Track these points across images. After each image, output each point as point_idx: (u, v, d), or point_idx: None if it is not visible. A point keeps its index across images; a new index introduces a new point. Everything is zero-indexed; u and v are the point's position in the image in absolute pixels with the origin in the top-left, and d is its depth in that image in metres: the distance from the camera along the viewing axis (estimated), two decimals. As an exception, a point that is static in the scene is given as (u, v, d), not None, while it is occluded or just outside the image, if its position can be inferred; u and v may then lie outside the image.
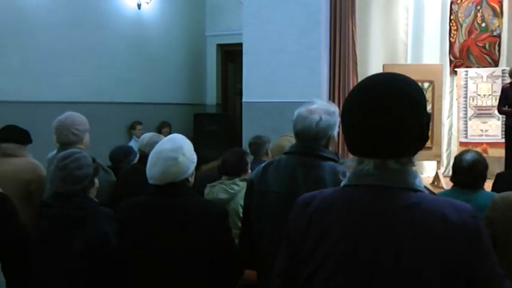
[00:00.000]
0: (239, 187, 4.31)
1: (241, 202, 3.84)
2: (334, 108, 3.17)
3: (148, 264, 3.02)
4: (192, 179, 3.17)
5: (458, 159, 4.42)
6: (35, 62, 8.16)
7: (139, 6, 10.12)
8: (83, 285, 3.10)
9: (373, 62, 9.32)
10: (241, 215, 3.91)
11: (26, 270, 3.19)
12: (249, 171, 4.48)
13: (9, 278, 2.66)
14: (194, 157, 3.15)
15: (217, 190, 4.37)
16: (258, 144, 5.76)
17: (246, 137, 7.71)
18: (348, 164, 1.77)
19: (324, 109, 3.10)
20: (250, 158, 4.79)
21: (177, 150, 3.00)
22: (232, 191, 4.33)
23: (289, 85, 8.24)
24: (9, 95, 7.71)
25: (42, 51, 8.26)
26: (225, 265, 3.09)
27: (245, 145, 7.10)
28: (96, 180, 3.40)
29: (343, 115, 1.71)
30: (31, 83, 8.08)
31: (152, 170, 2.99)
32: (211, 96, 12.35)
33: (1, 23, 7.62)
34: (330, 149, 3.17)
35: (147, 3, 10.29)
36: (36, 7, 8.15)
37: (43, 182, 4.46)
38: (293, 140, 3.27)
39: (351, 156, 1.76)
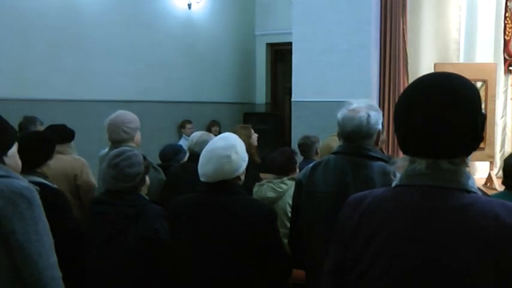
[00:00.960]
0: (287, 186, 4.31)
1: (290, 201, 3.83)
2: (374, 103, 3.16)
3: (196, 261, 3.04)
4: (243, 178, 3.18)
5: (507, 161, 4.27)
6: (88, 61, 8.31)
7: (189, 6, 10.19)
8: (134, 280, 3.15)
9: (424, 60, 9.15)
10: (289, 214, 3.90)
11: (80, 265, 3.26)
12: (298, 170, 4.48)
13: (65, 272, 2.71)
14: (246, 156, 3.17)
15: (265, 189, 4.38)
16: (307, 145, 5.76)
17: (295, 136, 7.69)
18: (398, 164, 1.74)
19: (366, 106, 3.09)
20: (299, 158, 4.78)
21: (230, 148, 3.03)
22: (280, 189, 4.33)
23: (339, 84, 8.18)
24: (63, 93, 7.87)
25: (94, 51, 8.41)
26: (273, 266, 3.08)
27: (294, 144, 7.09)
28: (147, 178, 3.43)
29: (396, 115, 1.69)
30: (84, 82, 8.23)
31: (205, 167, 3.01)
32: (260, 95, 12.36)
33: (56, 24, 7.79)
34: (379, 143, 3.15)
35: (197, 2, 10.35)
36: (89, 8, 8.30)
37: (88, 178, 4.55)
38: (341, 141, 3.24)
39: (401, 155, 1.74)
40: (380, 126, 3.11)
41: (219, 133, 8.83)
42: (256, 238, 2.95)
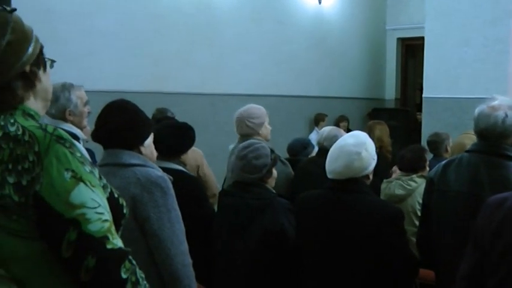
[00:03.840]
0: (417, 184, 4.23)
1: (419, 199, 3.75)
2: None
3: (317, 257, 3.04)
4: (371, 177, 3.12)
5: None
6: (220, 56, 8.52)
7: (319, 1, 10.18)
8: (259, 272, 3.20)
9: None
10: (418, 212, 3.82)
11: (209, 253, 3.35)
12: (427, 168, 4.38)
13: (195, 259, 2.80)
14: (375, 155, 3.10)
15: (394, 186, 4.32)
16: (436, 142, 5.60)
17: (426, 132, 7.52)
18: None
19: (508, 105, 2.95)
20: (429, 155, 4.68)
21: (360, 145, 2.98)
22: (409, 187, 4.25)
23: (473, 80, 7.90)
24: (195, 87, 8.11)
25: (226, 46, 8.61)
26: (399, 266, 3.00)
27: (424, 141, 6.93)
28: (275, 171, 3.46)
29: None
30: (215, 76, 8.45)
31: (334, 164, 2.98)
32: (390, 90, 12.15)
33: (191, 21, 8.04)
34: None
35: (328, -3, 10.34)
36: (221, 5, 8.50)
37: (207, 169, 4.59)
38: (475, 138, 3.13)
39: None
40: None
41: (348, 129, 8.78)
42: (382, 239, 2.88)
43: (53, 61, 1.83)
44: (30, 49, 1.67)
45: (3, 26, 1.64)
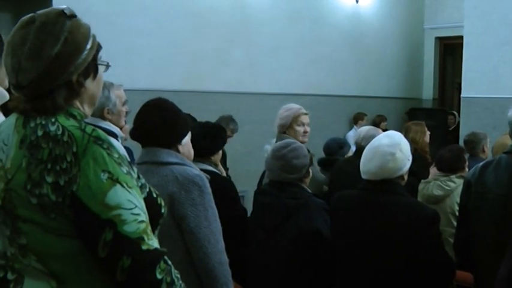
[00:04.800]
0: (455, 184, 4.19)
1: (458, 200, 3.71)
2: None
3: (351, 257, 3.03)
4: (406, 177, 3.09)
5: None
6: (256, 55, 8.53)
7: (357, 0, 10.13)
8: (294, 272, 3.20)
9: None
10: (457, 213, 3.78)
11: (244, 252, 3.36)
12: (466, 169, 4.33)
13: (230, 258, 2.81)
14: (410, 155, 3.06)
15: (432, 186, 4.28)
16: (473, 142, 5.53)
17: (464, 132, 7.42)
18: None
19: None
20: (466, 155, 4.63)
21: (394, 145, 2.94)
22: (448, 188, 4.21)
23: (513, 80, 7.78)
24: (232, 86, 8.14)
25: (263, 45, 8.61)
26: (434, 269, 2.97)
27: (462, 141, 6.86)
28: (310, 171, 3.46)
29: None
30: (252, 75, 8.46)
31: (368, 164, 2.96)
32: (427, 90, 12.01)
33: (228, 20, 8.07)
34: None
35: (365, -4, 10.28)
36: (259, 3, 8.51)
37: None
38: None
39: None
40: None
41: (386, 129, 8.72)
42: (417, 240, 2.85)
43: (108, 66, 1.81)
44: (81, 59, 1.64)
45: (56, 35, 1.61)
